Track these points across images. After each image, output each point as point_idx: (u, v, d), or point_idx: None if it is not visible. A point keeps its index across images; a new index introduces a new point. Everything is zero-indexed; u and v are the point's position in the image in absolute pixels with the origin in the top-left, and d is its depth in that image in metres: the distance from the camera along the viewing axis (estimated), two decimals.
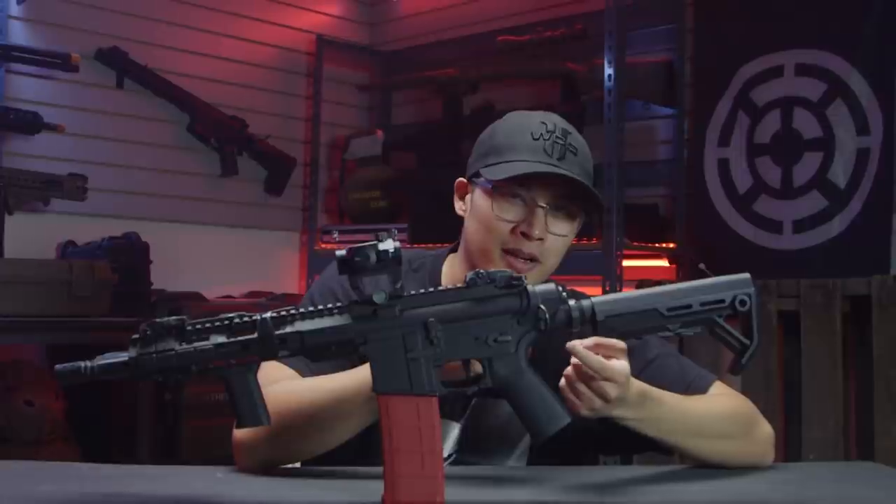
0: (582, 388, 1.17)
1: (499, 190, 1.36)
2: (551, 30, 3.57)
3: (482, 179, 1.39)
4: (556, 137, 1.37)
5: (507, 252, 1.36)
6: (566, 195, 1.38)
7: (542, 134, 1.37)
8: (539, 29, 3.61)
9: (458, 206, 1.47)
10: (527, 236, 1.35)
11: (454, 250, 1.50)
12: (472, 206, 1.42)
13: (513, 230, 1.36)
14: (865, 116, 3.06)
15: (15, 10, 3.35)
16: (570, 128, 1.41)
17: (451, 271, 1.47)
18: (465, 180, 1.47)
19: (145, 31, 3.67)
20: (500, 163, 1.37)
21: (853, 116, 3.08)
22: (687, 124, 3.50)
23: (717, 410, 1.33)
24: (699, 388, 1.38)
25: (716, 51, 3.42)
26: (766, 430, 1.38)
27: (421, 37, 4.20)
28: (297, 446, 1.26)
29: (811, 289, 2.76)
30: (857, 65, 3.08)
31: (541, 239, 1.36)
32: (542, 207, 1.36)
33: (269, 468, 1.26)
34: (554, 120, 1.40)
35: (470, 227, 1.42)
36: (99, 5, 3.55)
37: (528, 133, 1.38)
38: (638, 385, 1.22)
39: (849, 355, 2.75)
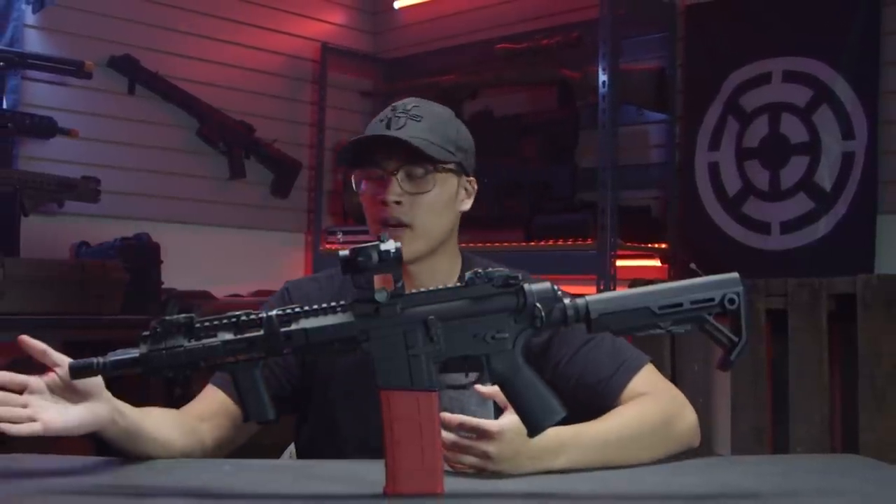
0: (461, 454, 1.19)
1: (359, 172, 1.44)
2: (548, 38, 3.57)
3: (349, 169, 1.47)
4: (400, 112, 1.43)
5: (382, 225, 1.42)
6: (410, 158, 1.40)
7: (387, 115, 1.43)
8: (536, 37, 3.61)
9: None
10: (384, 203, 1.40)
11: None
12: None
13: (377, 203, 1.42)
14: (850, 121, 3.06)
15: (31, 19, 3.35)
16: (426, 103, 1.46)
17: None
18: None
19: (156, 40, 3.67)
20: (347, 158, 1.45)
21: (838, 121, 3.08)
22: (678, 129, 3.50)
23: (635, 424, 1.33)
24: (626, 372, 1.40)
25: (706, 58, 3.42)
26: (686, 421, 1.38)
27: (422, 44, 4.20)
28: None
29: (798, 288, 2.76)
30: (842, 72, 3.08)
31: (398, 202, 1.40)
32: (393, 174, 1.41)
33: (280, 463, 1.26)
34: (408, 102, 1.46)
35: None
36: (111, 14, 3.55)
37: (377, 120, 1.44)
38: (553, 433, 1.22)
39: (834, 352, 2.75)
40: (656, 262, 3.46)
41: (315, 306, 1.10)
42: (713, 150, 3.38)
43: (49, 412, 1.13)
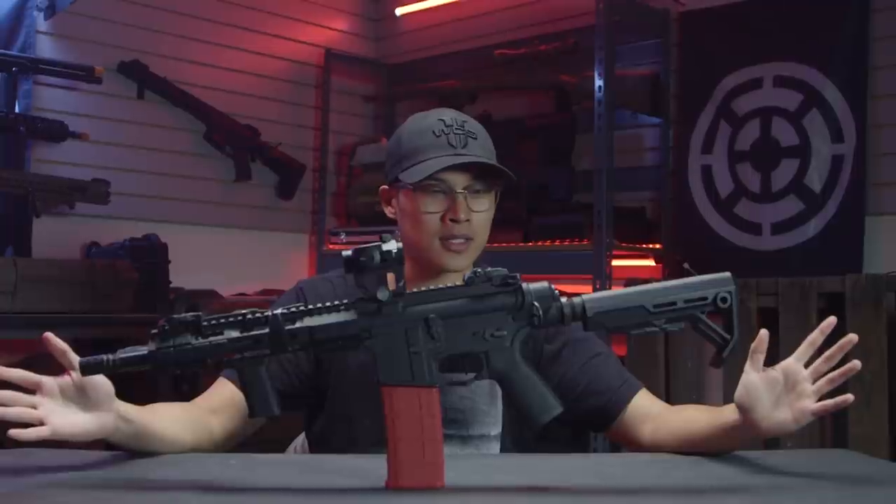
0: None
1: (419, 189, 1.40)
2: (545, 44, 3.57)
3: (402, 184, 1.42)
4: (456, 129, 1.42)
5: (443, 239, 1.41)
6: (477, 177, 1.42)
7: (442, 130, 1.41)
8: (534, 43, 3.61)
9: (388, 211, 1.51)
10: (455, 221, 1.40)
11: None
12: (401, 208, 1.46)
13: (442, 219, 1.40)
14: (839, 125, 3.06)
15: (42, 25, 3.35)
16: (465, 117, 1.46)
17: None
18: (387, 187, 1.50)
19: (165, 45, 3.67)
20: (414, 164, 1.40)
21: (828, 125, 3.08)
22: (672, 132, 3.50)
23: None
24: (632, 386, 1.44)
25: (699, 64, 3.42)
26: None
27: (423, 50, 4.20)
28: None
29: (788, 287, 2.76)
30: (831, 77, 3.08)
31: (468, 220, 1.40)
32: (461, 192, 1.40)
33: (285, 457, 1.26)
34: (450, 115, 1.45)
35: (405, 227, 1.46)
36: (121, 21, 3.56)
37: (429, 133, 1.42)
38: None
39: (824, 350, 2.74)
40: (651, 262, 3.46)
41: (319, 305, 1.10)
42: (706, 154, 3.38)
43: (58, 417, 1.12)
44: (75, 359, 1.13)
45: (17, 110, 3.21)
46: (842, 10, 3.06)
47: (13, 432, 1.07)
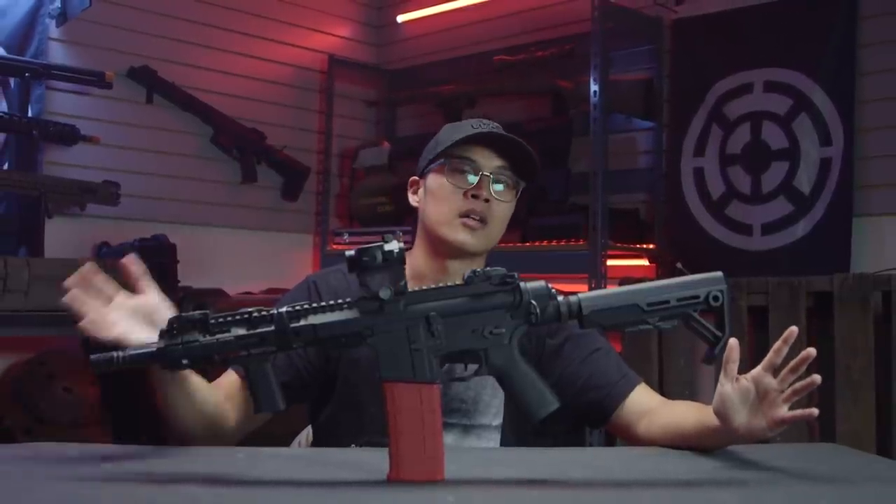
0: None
1: (450, 164, 1.45)
2: (542, 50, 3.57)
3: (434, 163, 1.47)
4: (493, 127, 1.48)
5: (461, 215, 1.44)
6: (506, 166, 1.46)
7: (480, 124, 1.48)
8: (531, 49, 3.61)
9: (413, 199, 1.55)
10: (476, 197, 1.44)
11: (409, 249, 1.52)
12: (427, 190, 1.50)
13: (465, 195, 1.44)
14: (828, 129, 3.06)
15: (54, 32, 3.35)
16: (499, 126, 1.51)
17: (412, 262, 1.49)
18: (416, 178, 1.54)
19: (173, 51, 3.67)
20: (449, 146, 1.45)
21: (816, 129, 3.08)
22: (665, 136, 3.50)
23: None
24: (630, 381, 1.45)
25: (692, 69, 3.42)
26: None
27: (424, 56, 4.20)
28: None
29: (778, 286, 2.76)
30: (820, 82, 3.08)
31: (487, 200, 1.44)
32: (487, 175, 1.44)
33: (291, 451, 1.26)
34: (487, 120, 1.50)
35: (427, 207, 1.49)
36: (131, 27, 3.56)
37: (467, 125, 1.48)
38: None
39: (812, 346, 2.74)
40: (644, 262, 3.46)
41: (323, 303, 1.11)
42: (698, 156, 3.38)
43: (124, 325, 1.18)
44: (151, 283, 1.22)
45: (29, 114, 3.21)
46: (830, 18, 3.06)
47: (82, 325, 1.17)
